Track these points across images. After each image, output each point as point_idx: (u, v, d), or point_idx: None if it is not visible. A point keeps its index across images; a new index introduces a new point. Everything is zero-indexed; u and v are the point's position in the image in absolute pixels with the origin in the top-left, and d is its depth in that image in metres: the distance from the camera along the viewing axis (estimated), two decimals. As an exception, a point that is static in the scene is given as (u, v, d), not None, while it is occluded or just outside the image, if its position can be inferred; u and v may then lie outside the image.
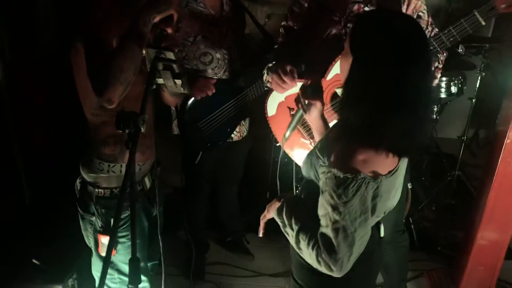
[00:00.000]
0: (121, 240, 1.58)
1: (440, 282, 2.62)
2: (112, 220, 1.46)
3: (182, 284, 2.72)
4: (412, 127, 1.16)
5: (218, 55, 2.27)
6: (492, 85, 3.46)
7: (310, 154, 1.38)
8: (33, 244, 2.18)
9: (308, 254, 1.28)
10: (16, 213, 2.50)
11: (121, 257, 1.63)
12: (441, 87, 3.20)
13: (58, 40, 2.69)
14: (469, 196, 3.33)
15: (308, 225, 1.31)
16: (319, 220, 1.25)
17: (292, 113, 1.73)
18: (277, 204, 1.47)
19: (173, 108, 2.35)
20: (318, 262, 1.24)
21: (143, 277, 1.71)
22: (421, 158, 3.69)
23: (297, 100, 1.62)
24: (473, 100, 3.33)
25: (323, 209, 1.23)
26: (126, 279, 1.63)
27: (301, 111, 1.61)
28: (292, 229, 1.35)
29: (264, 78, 1.98)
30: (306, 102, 1.57)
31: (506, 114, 2.18)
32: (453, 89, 3.22)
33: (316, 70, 1.85)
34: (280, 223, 1.43)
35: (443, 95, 3.25)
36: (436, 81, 1.83)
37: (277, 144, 2.07)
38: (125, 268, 1.61)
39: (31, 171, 2.53)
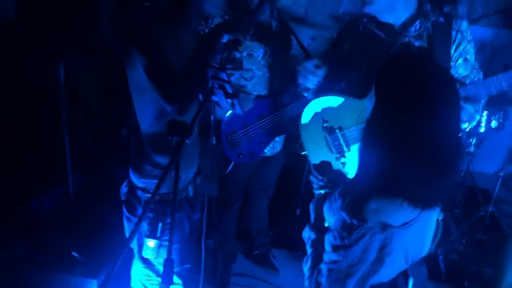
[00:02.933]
0: (164, 243, 1.65)
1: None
2: (159, 224, 1.54)
3: (207, 291, 2.77)
4: (431, 178, 1.11)
5: (259, 72, 2.37)
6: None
7: (331, 197, 1.33)
8: (74, 238, 2.28)
9: None
10: (61, 206, 2.62)
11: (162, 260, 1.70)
12: (480, 122, 3.18)
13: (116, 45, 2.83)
14: (501, 234, 3.27)
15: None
16: None
17: (325, 125, 1.76)
18: None
19: (212, 118, 2.44)
20: None
21: (177, 280, 1.81)
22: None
23: None
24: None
25: (327, 246, 1.22)
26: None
27: None
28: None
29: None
30: None
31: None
32: (493, 124, 3.20)
33: (355, 91, 1.91)
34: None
35: (482, 130, 3.22)
36: (474, 123, 1.82)
37: (303, 153, 2.12)
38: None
39: (78, 169, 2.65)
